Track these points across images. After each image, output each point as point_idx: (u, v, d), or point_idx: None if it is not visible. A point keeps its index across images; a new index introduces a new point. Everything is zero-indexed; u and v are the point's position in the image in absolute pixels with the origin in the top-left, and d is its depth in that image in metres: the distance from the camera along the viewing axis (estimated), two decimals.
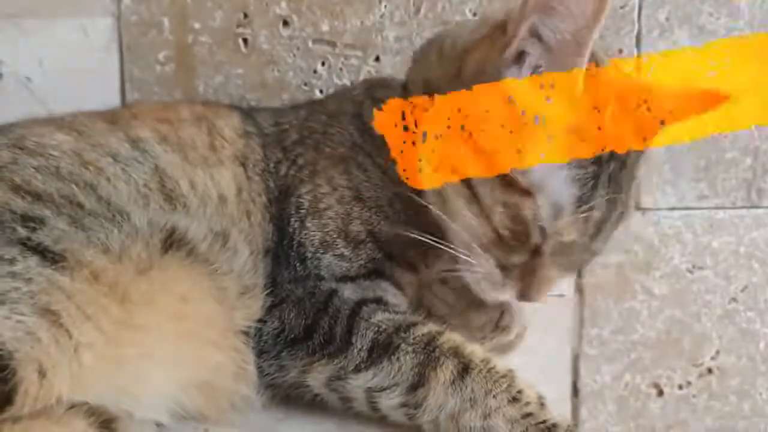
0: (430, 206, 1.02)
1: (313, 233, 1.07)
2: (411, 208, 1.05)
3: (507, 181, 0.96)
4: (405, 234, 1.03)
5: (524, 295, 1.01)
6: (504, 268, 1.00)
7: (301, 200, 1.09)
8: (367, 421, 1.00)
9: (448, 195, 1.00)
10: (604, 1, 0.89)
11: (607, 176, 0.96)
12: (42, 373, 0.81)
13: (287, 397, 1.04)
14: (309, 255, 1.06)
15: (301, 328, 1.01)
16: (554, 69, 0.94)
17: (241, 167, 1.12)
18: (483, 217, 0.98)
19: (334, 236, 1.07)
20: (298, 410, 1.04)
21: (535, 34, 0.94)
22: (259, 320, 1.03)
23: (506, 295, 1.02)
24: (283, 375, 1.02)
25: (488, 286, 1.02)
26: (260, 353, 1.02)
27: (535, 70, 0.96)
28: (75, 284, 0.87)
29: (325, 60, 1.45)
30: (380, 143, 1.06)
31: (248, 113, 1.21)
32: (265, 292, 1.04)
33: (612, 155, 0.96)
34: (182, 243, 0.98)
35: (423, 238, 1.01)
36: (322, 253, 1.06)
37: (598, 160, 0.95)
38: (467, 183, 0.98)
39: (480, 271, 1.01)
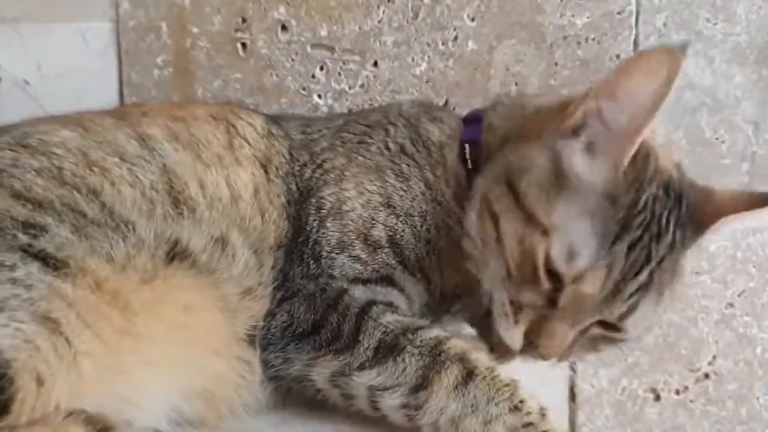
0: (465, 229, 1.05)
1: (331, 233, 1.07)
2: (442, 227, 1.09)
3: (528, 215, 0.98)
4: (426, 247, 1.07)
5: (531, 346, 1.00)
6: (517, 307, 1.00)
7: (323, 201, 1.09)
8: (365, 427, 1.01)
9: (483, 217, 1.03)
10: (661, 97, 0.95)
11: (633, 240, 0.98)
12: (40, 382, 0.81)
13: (288, 393, 1.04)
14: (324, 254, 1.06)
15: (309, 322, 1.01)
16: (606, 147, 0.99)
17: (261, 168, 1.11)
18: (499, 248, 1.00)
19: (353, 238, 1.07)
20: (294, 415, 1.05)
21: (596, 114, 0.99)
22: (269, 313, 1.03)
23: (515, 337, 1.00)
24: (287, 368, 1.02)
25: (501, 321, 1.01)
26: (267, 345, 1.02)
27: (588, 145, 1.00)
28: (76, 292, 0.87)
29: (323, 65, 1.45)
30: (434, 160, 1.12)
31: (274, 118, 1.21)
32: (270, 289, 1.04)
33: (643, 224, 0.99)
34: (185, 255, 0.98)
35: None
36: (338, 253, 1.06)
37: (625, 224, 0.97)
38: (494, 213, 1.01)
39: (495, 301, 1.02)
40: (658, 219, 1.00)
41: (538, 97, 1.18)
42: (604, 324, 1.01)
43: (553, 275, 0.97)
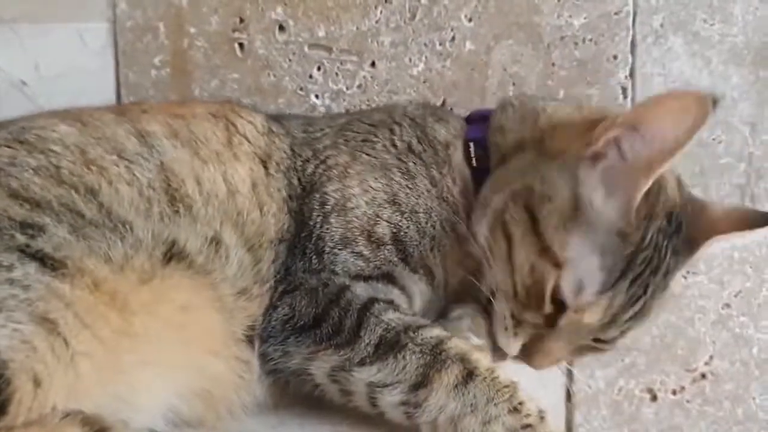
0: (474, 235, 1.08)
1: (335, 229, 1.07)
2: (448, 224, 1.10)
3: (544, 246, 1.01)
4: (431, 243, 1.09)
5: (526, 356, 1.06)
6: (517, 321, 1.05)
7: (327, 197, 1.10)
8: (363, 428, 1.00)
9: (495, 234, 1.06)
10: (682, 143, 0.96)
11: (635, 276, 1.02)
12: (37, 383, 0.81)
13: (285, 387, 1.04)
14: (327, 249, 1.06)
15: (310, 316, 1.01)
16: (622, 178, 1.01)
17: (260, 164, 1.11)
18: (509, 267, 1.04)
19: (357, 234, 1.07)
20: (293, 416, 1.05)
21: (617, 144, 1.01)
22: (269, 306, 1.04)
23: (511, 347, 1.06)
24: (286, 361, 1.02)
25: (500, 331, 1.06)
26: (267, 338, 1.02)
27: (606, 173, 1.02)
28: (74, 292, 0.87)
29: (320, 65, 1.45)
30: (440, 158, 1.13)
31: (275, 117, 1.21)
32: (267, 287, 1.05)
33: (647, 259, 1.02)
34: (182, 256, 0.98)
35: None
36: (340, 249, 1.07)
37: (631, 260, 1.01)
38: (509, 233, 1.04)
39: (497, 311, 1.06)
40: (659, 251, 1.03)
41: (550, 103, 1.18)
42: (594, 338, 1.07)
43: (558, 302, 1.02)
